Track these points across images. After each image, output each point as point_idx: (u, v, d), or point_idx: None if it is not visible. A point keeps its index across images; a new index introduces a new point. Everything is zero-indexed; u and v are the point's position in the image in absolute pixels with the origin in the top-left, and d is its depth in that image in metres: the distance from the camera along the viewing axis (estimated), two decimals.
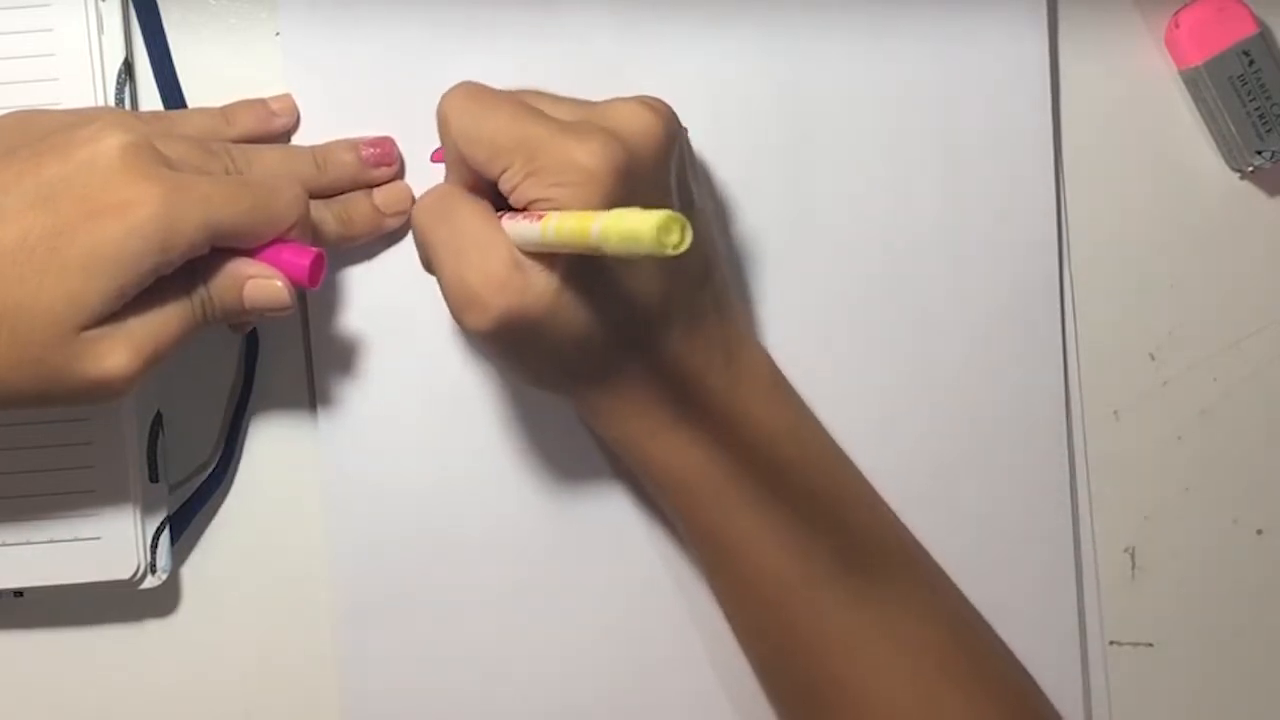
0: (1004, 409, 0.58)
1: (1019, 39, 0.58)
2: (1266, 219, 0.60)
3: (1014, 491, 0.58)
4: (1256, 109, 0.57)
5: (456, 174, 0.52)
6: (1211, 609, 0.60)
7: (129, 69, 0.56)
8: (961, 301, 0.58)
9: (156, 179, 0.47)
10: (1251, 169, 0.58)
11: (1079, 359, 0.59)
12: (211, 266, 0.50)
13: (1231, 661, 0.60)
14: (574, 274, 0.48)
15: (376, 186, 0.56)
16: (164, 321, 0.49)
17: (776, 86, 0.58)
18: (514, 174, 0.48)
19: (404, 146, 0.56)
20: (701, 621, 0.58)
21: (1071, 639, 0.58)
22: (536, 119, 0.49)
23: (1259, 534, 0.60)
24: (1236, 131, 0.57)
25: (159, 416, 0.57)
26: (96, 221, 0.46)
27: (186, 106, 0.57)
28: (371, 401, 0.57)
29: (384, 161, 0.56)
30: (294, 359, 0.58)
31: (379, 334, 0.57)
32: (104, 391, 0.48)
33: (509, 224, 0.48)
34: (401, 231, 0.57)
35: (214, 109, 0.56)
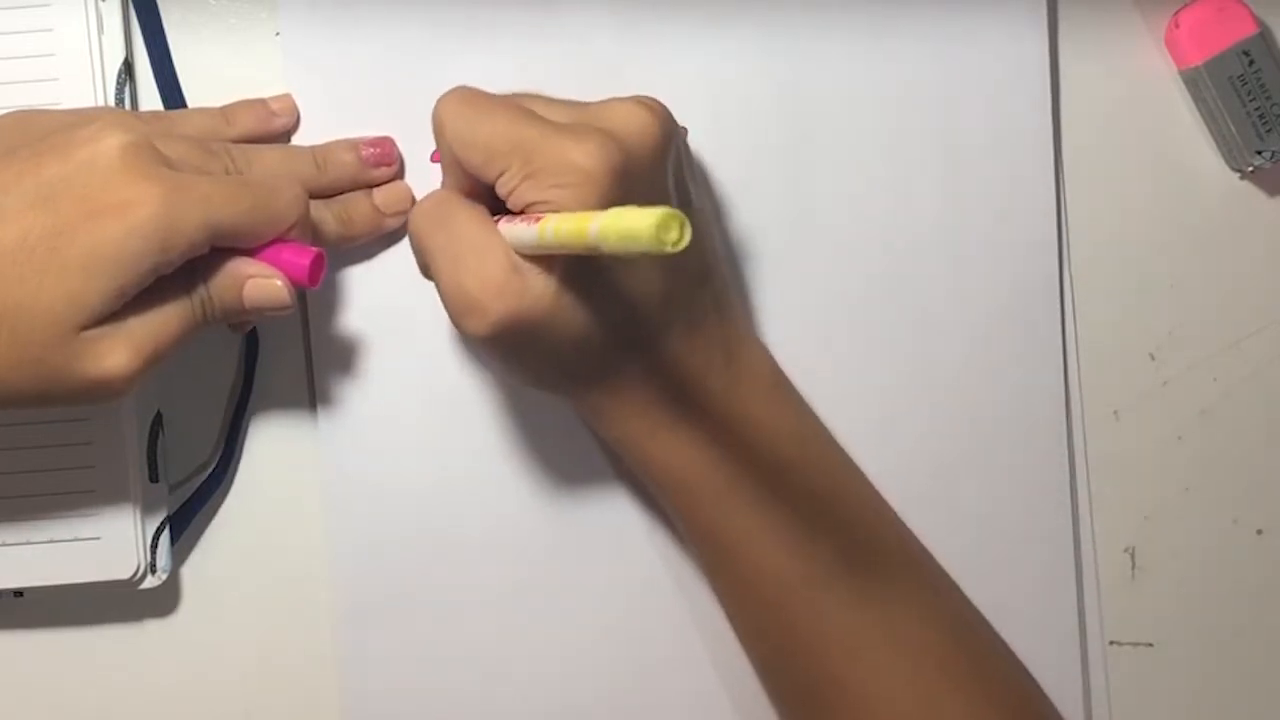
0: (1004, 409, 0.58)
1: (1019, 39, 0.58)
2: (1266, 219, 0.60)
3: (1014, 491, 0.58)
4: (1256, 109, 0.57)
5: (453, 179, 0.52)
6: (1211, 609, 0.60)
7: (129, 69, 0.56)
8: (961, 301, 0.58)
9: (156, 179, 0.47)
10: (1251, 169, 0.58)
11: (1079, 359, 0.59)
12: (211, 266, 0.50)
13: (1231, 661, 0.60)
14: (572, 276, 0.48)
15: (376, 186, 0.56)
16: (164, 321, 0.49)
17: (776, 86, 0.58)
18: (511, 177, 0.48)
19: (404, 146, 0.57)
20: (702, 622, 0.58)
21: (1071, 639, 0.58)
22: (532, 121, 0.49)
23: (1259, 534, 0.60)
24: (1236, 131, 0.57)
25: (159, 416, 0.57)
26: (96, 221, 0.46)
27: (186, 106, 0.57)
28: (371, 401, 0.57)
29: (384, 161, 0.56)
30: (294, 359, 0.58)
31: (379, 334, 0.57)
32: (104, 391, 0.48)
33: (506, 227, 0.48)
34: (401, 231, 0.57)
35: (214, 109, 0.56)
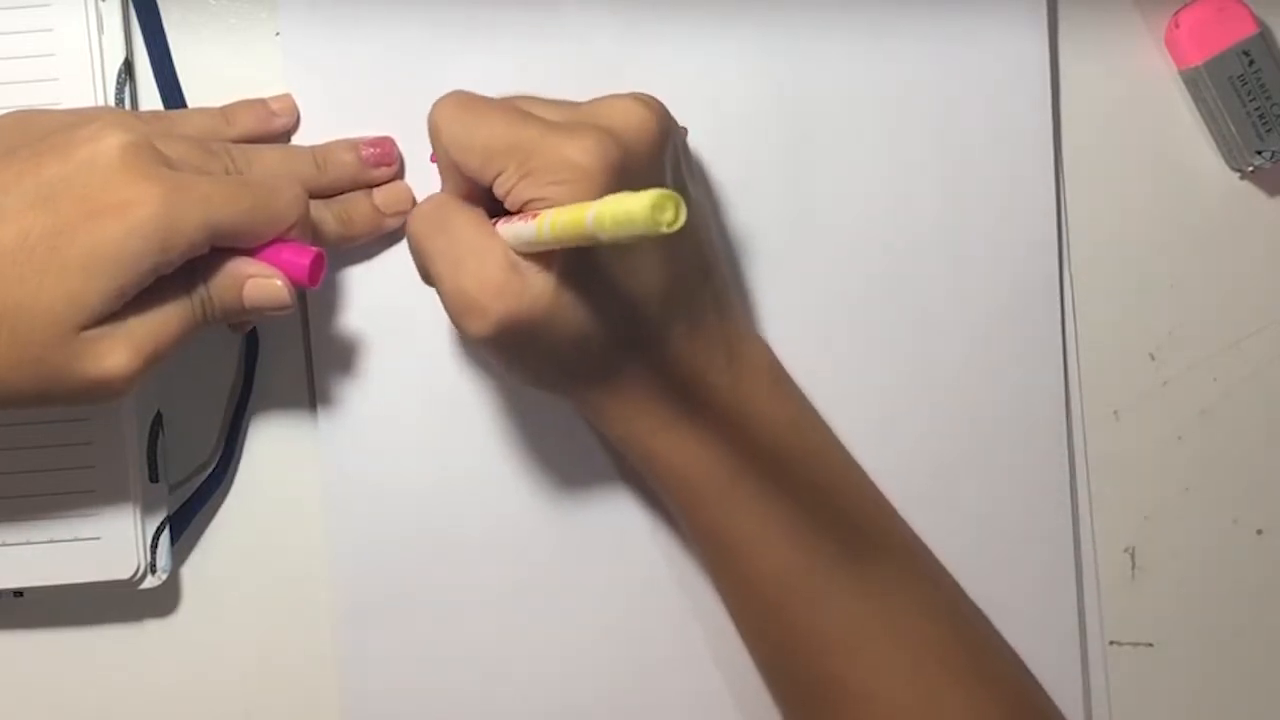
0: (1004, 409, 0.58)
1: (1019, 39, 0.58)
2: (1266, 219, 0.60)
3: (1014, 491, 0.58)
4: (1256, 109, 0.57)
5: (451, 183, 0.52)
6: (1211, 609, 0.60)
7: (129, 69, 0.56)
8: (961, 301, 0.58)
9: (156, 179, 0.47)
10: (1251, 169, 0.58)
11: (1079, 359, 0.59)
12: (211, 266, 0.50)
13: (1231, 661, 0.60)
14: (571, 273, 0.48)
15: (376, 186, 0.56)
16: (164, 321, 0.49)
17: (776, 86, 0.58)
18: (508, 177, 0.48)
19: (404, 146, 0.57)
20: (703, 621, 0.58)
21: (1071, 639, 0.58)
22: (528, 121, 0.49)
23: (1259, 534, 0.60)
24: (1236, 131, 0.57)
25: (159, 416, 0.57)
26: (96, 221, 0.46)
27: (186, 106, 0.57)
28: (371, 401, 0.57)
29: (384, 161, 0.56)
30: (294, 359, 0.58)
31: (379, 334, 0.57)
32: (104, 391, 0.48)
33: (505, 228, 0.48)
34: (401, 231, 0.56)
35: (214, 109, 0.56)
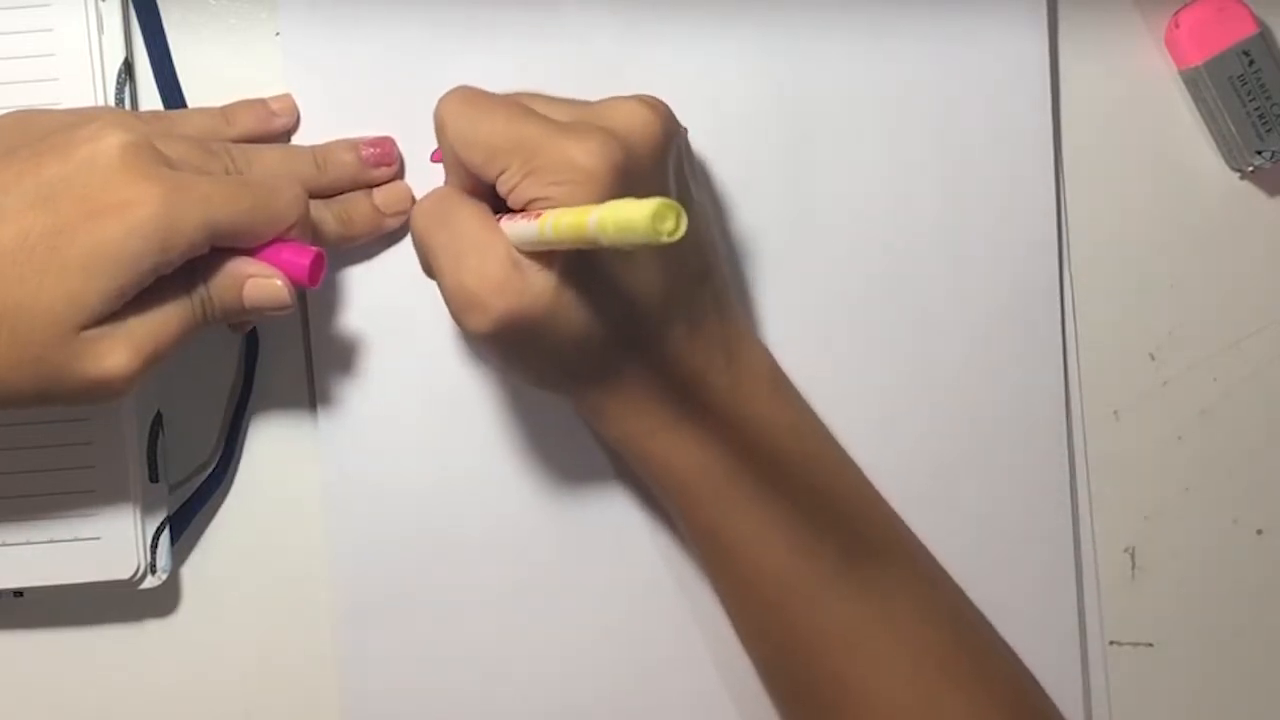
0: (1004, 409, 0.58)
1: (1019, 39, 0.58)
2: (1266, 219, 0.60)
3: (1014, 491, 0.58)
4: (1256, 109, 0.57)
5: (455, 177, 0.52)
6: (1211, 609, 0.60)
7: (129, 69, 0.56)
8: (961, 301, 0.58)
9: (156, 179, 0.47)
10: (1251, 169, 0.58)
11: (1079, 359, 0.59)
12: (211, 266, 0.50)
13: (1231, 661, 0.60)
14: (572, 272, 0.48)
15: (376, 186, 0.56)
16: (164, 321, 0.49)
17: (776, 86, 0.58)
18: (512, 175, 0.48)
19: (404, 146, 0.57)
20: (702, 621, 0.58)
21: (1071, 639, 0.58)
22: (533, 120, 0.49)
23: (1259, 534, 0.60)
24: (1236, 131, 0.57)
25: (159, 416, 0.57)
26: (96, 221, 0.46)
27: (186, 106, 0.57)
28: (371, 401, 0.57)
29: (384, 161, 0.56)
30: (294, 359, 0.58)
31: (379, 334, 0.57)
32: (104, 391, 0.48)
33: (507, 225, 0.48)
34: (401, 231, 0.57)
35: (214, 109, 0.56)
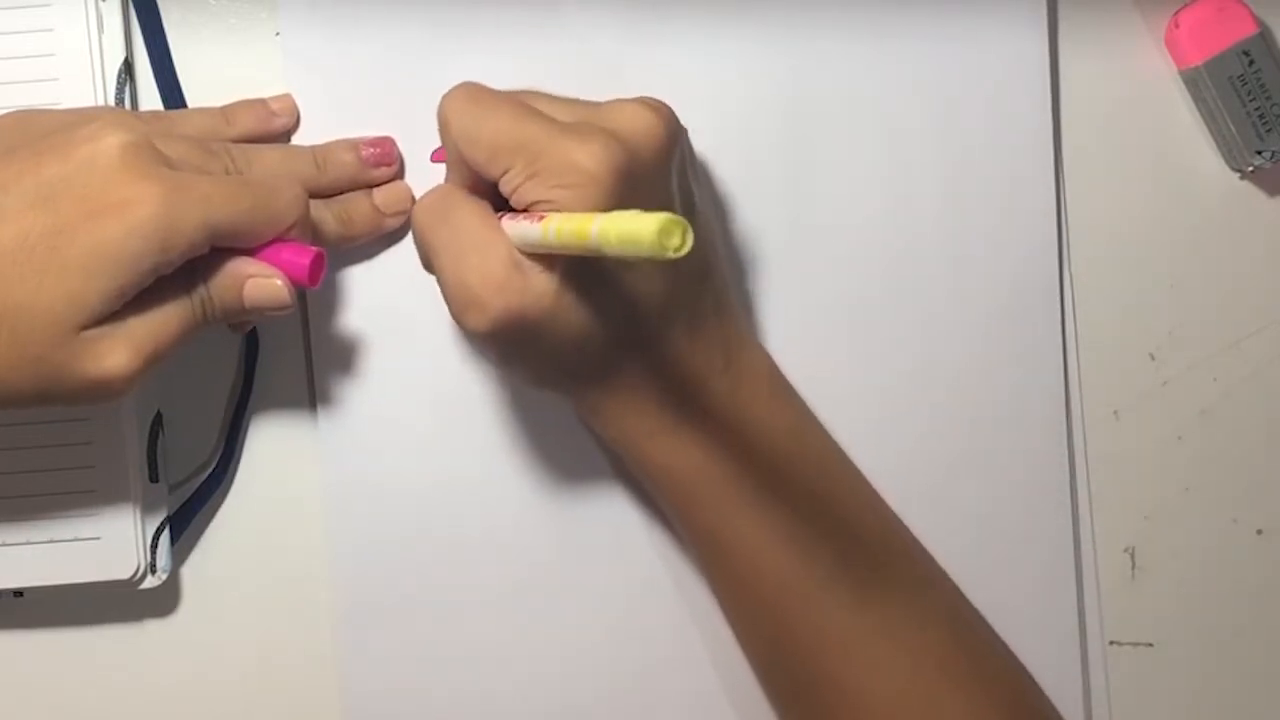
0: (1004, 409, 0.58)
1: (1019, 39, 0.58)
2: (1266, 219, 0.60)
3: (1014, 491, 0.58)
4: (1256, 109, 0.57)
5: (457, 175, 0.52)
6: (1211, 609, 0.60)
7: (129, 69, 0.56)
8: (961, 301, 0.58)
9: (156, 178, 0.47)
10: (1251, 169, 0.58)
11: (1079, 359, 0.59)
12: (211, 266, 0.50)
13: (1231, 661, 0.60)
14: (573, 274, 0.48)
15: (376, 186, 0.56)
16: (164, 321, 0.49)
17: (776, 86, 0.58)
18: (515, 175, 0.48)
19: (404, 146, 0.56)
20: (701, 622, 0.58)
21: (1071, 639, 0.58)
22: (537, 120, 0.49)
23: (1259, 534, 0.60)
24: (1236, 131, 0.57)
25: (159, 416, 0.57)
26: (96, 221, 0.46)
27: (186, 106, 0.57)
28: (371, 401, 0.57)
29: (384, 161, 0.56)
30: (294, 359, 0.58)
31: (379, 334, 0.57)
32: (104, 391, 0.48)
33: (509, 224, 0.48)
34: (401, 231, 0.57)
35: (214, 109, 0.56)
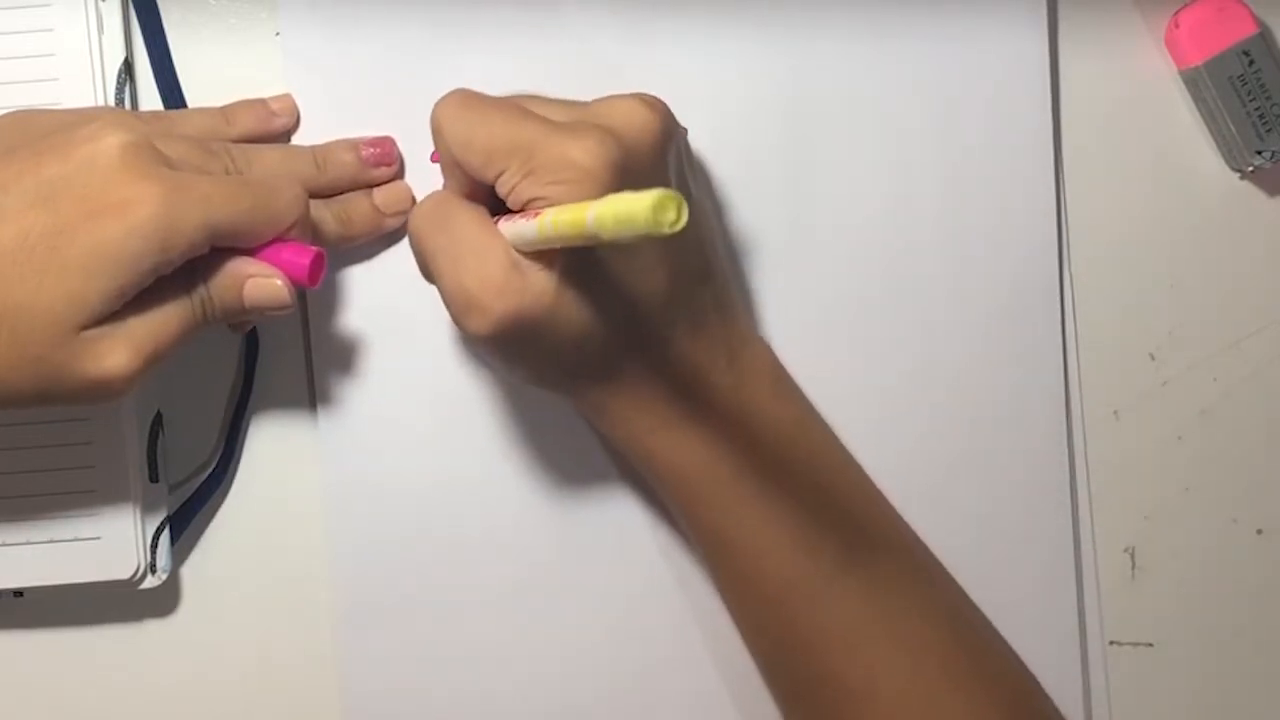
0: (1004, 409, 0.58)
1: (1019, 39, 0.58)
2: (1266, 219, 0.60)
3: (1014, 491, 0.58)
4: (1256, 109, 0.57)
5: (453, 181, 0.52)
6: (1211, 609, 0.60)
7: (129, 69, 0.56)
8: (961, 301, 0.58)
9: (156, 178, 0.47)
10: (1251, 169, 0.58)
11: (1079, 359, 0.59)
12: (211, 266, 0.50)
13: (1231, 661, 0.60)
14: (572, 272, 0.48)
15: (376, 186, 0.56)
16: (164, 321, 0.49)
17: (776, 86, 0.58)
18: (510, 175, 0.48)
19: (404, 146, 0.57)
20: (703, 621, 0.58)
21: (1071, 639, 0.58)
22: (530, 120, 0.49)
23: (1259, 534, 0.60)
24: (1236, 131, 0.57)
25: (159, 416, 0.57)
26: (96, 221, 0.46)
27: (186, 106, 0.57)
28: (371, 401, 0.57)
29: (384, 161, 0.56)
30: (294, 359, 0.58)
31: (379, 334, 0.57)
32: (104, 391, 0.48)
33: (506, 226, 0.48)
34: (401, 231, 0.57)
35: (214, 109, 0.56)
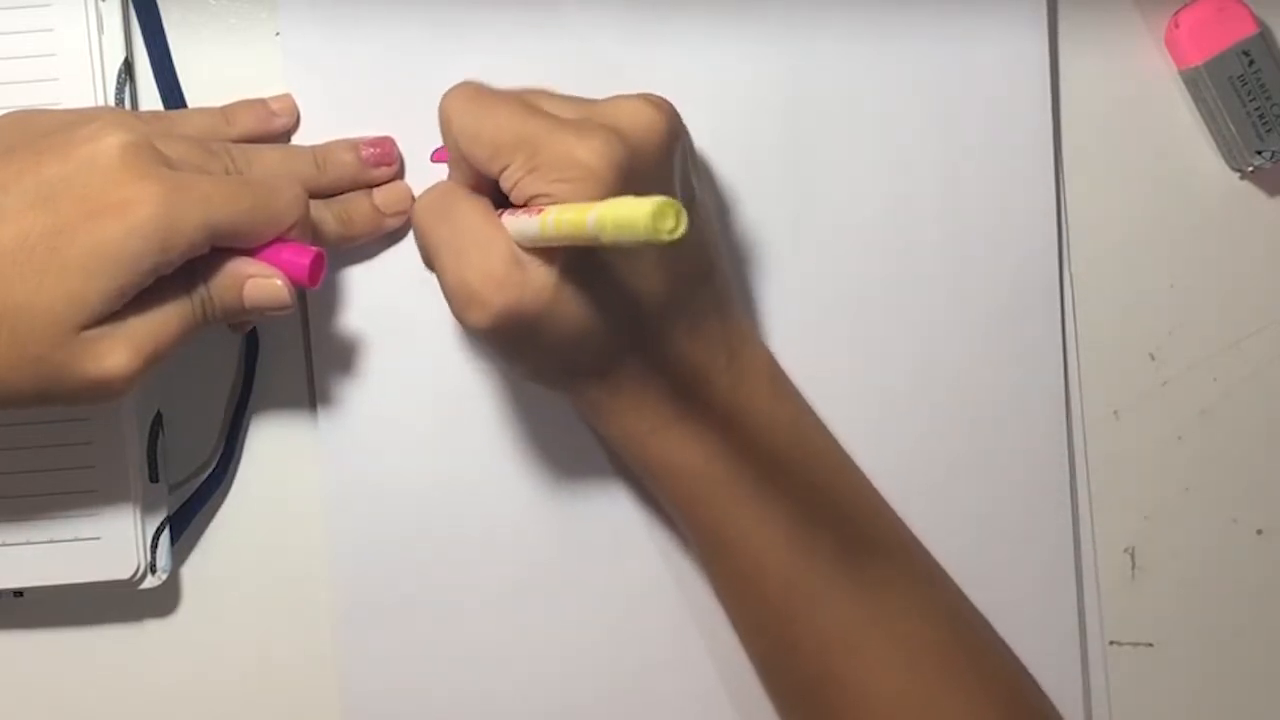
0: (1004, 409, 0.58)
1: (1019, 39, 0.58)
2: (1266, 219, 0.60)
3: (1014, 491, 0.58)
4: (1256, 109, 0.57)
5: (458, 173, 0.52)
6: (1211, 609, 0.60)
7: (129, 69, 0.56)
8: (961, 301, 0.58)
9: (156, 178, 0.47)
10: (1251, 169, 0.58)
11: (1079, 359, 0.59)
12: (211, 266, 0.50)
13: (1231, 661, 0.60)
14: (573, 269, 0.48)
15: (376, 186, 0.56)
16: (164, 321, 0.49)
17: (777, 86, 0.58)
18: (515, 170, 0.48)
19: (404, 146, 0.56)
20: (702, 621, 0.58)
21: (1071, 639, 0.58)
22: (537, 116, 0.49)
23: (1259, 534, 0.60)
24: (1236, 131, 0.57)
25: (159, 416, 0.57)
26: (96, 221, 0.46)
27: (186, 106, 0.57)
28: (371, 401, 0.57)
29: (384, 161, 0.56)
30: (294, 359, 0.58)
31: (379, 334, 0.57)
32: (104, 391, 0.48)
33: (509, 220, 0.48)
34: (401, 231, 0.57)
35: (214, 109, 0.56)
